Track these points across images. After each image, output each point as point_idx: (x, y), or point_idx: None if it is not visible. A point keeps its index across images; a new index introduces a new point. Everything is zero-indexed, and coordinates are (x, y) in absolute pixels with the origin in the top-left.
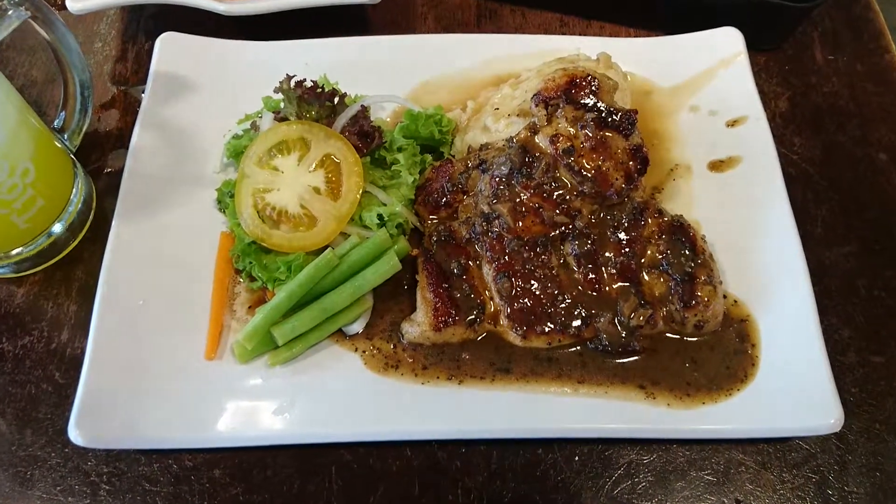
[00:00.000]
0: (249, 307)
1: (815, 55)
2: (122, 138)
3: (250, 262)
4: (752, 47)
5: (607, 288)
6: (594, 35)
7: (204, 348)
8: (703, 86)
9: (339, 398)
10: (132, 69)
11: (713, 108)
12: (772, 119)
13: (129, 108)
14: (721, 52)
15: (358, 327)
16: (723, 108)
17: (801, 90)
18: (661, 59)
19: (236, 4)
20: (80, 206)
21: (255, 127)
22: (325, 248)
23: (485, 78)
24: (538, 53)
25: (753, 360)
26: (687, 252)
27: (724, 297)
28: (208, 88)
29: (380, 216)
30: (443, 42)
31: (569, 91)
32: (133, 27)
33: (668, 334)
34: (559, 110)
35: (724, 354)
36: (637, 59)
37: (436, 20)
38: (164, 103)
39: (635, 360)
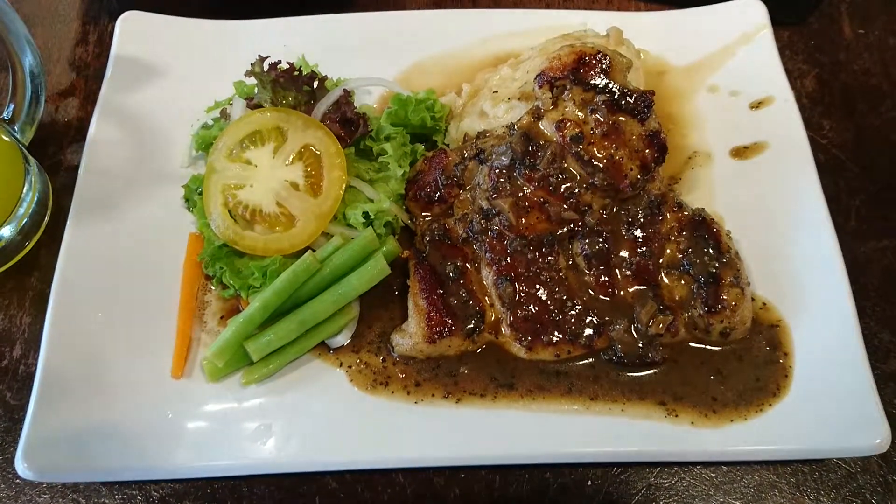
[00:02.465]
0: (221, 317)
1: (843, 29)
2: (82, 130)
3: (221, 268)
4: (774, 22)
5: (622, 292)
6: (601, 9)
7: (170, 365)
8: (722, 64)
9: (323, 420)
10: (94, 53)
11: (734, 88)
12: (798, 100)
13: (91, 97)
14: (742, 26)
15: (342, 340)
16: (745, 89)
17: (829, 68)
18: (676, 35)
19: None
20: (33, 206)
21: (225, 115)
22: (305, 250)
23: (482, 58)
24: (540, 30)
25: (786, 370)
26: (710, 250)
27: (753, 300)
28: (176, 73)
29: (366, 214)
30: (435, 19)
31: (577, 70)
32: (95, 7)
33: (690, 343)
34: (566, 92)
35: (754, 365)
36: (649, 36)
37: None
38: (126, 90)
39: (654, 372)
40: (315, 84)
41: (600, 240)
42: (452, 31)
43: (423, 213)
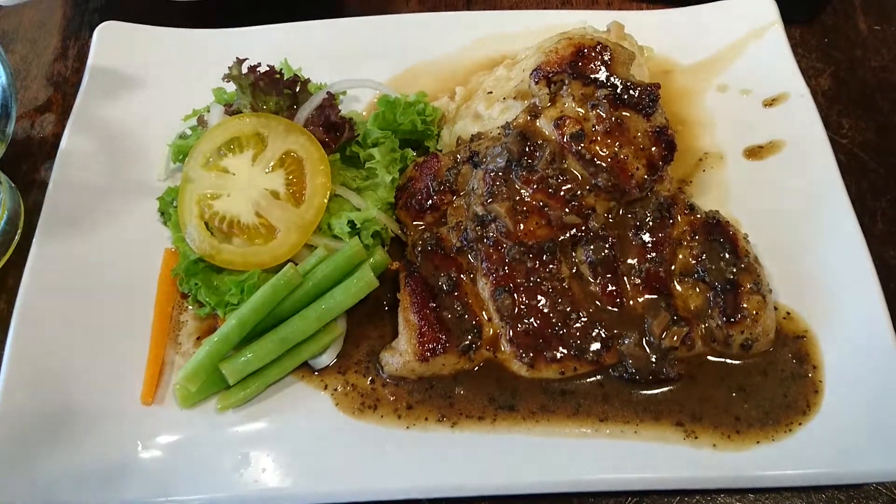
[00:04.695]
0: (198, 338)
1: (857, 25)
2: (58, 146)
3: (196, 284)
4: (783, 20)
5: (631, 302)
6: (602, 9)
7: (141, 391)
8: (731, 61)
9: (306, 448)
10: (73, 68)
11: (745, 86)
12: (813, 99)
13: (69, 112)
14: (751, 21)
15: (327, 359)
16: (757, 86)
17: (846, 65)
18: (681, 34)
19: None
20: (2, 225)
21: (202, 123)
22: (287, 264)
23: (476, 60)
24: (537, 31)
25: (816, 385)
26: (727, 255)
27: (775, 309)
28: (155, 84)
29: (352, 223)
30: (426, 22)
31: (575, 63)
32: (76, 22)
33: (708, 357)
34: (564, 87)
35: (780, 380)
36: (653, 34)
37: (420, 2)
38: (101, 102)
39: (670, 390)
40: (297, 87)
41: (606, 245)
42: (445, 34)
43: (415, 223)
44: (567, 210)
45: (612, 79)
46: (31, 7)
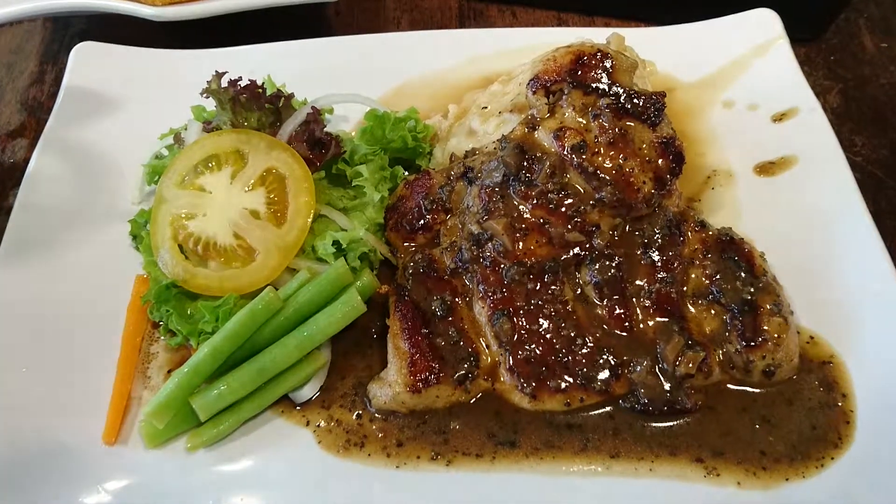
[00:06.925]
0: (168, 371)
1: (864, 43)
2: None
3: (168, 311)
4: (789, 38)
5: (641, 326)
6: (600, 27)
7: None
8: (736, 77)
9: (285, 491)
10: (49, 92)
11: (752, 101)
12: None
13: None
14: (755, 37)
15: (309, 392)
16: (765, 101)
17: (854, 83)
18: (683, 50)
19: (168, 8)
20: None
21: (179, 141)
22: (266, 287)
23: (470, 79)
24: (532, 48)
25: (847, 415)
26: (743, 274)
27: (798, 332)
28: (132, 105)
29: (337, 244)
30: (418, 40)
31: (575, 72)
32: (55, 46)
33: (728, 385)
34: (564, 97)
35: (807, 410)
36: (654, 52)
37: (411, 25)
38: (75, 123)
39: (686, 422)
40: (280, 103)
41: (612, 265)
42: (437, 53)
43: (406, 244)
44: (569, 227)
45: (614, 87)
46: (7, 31)
